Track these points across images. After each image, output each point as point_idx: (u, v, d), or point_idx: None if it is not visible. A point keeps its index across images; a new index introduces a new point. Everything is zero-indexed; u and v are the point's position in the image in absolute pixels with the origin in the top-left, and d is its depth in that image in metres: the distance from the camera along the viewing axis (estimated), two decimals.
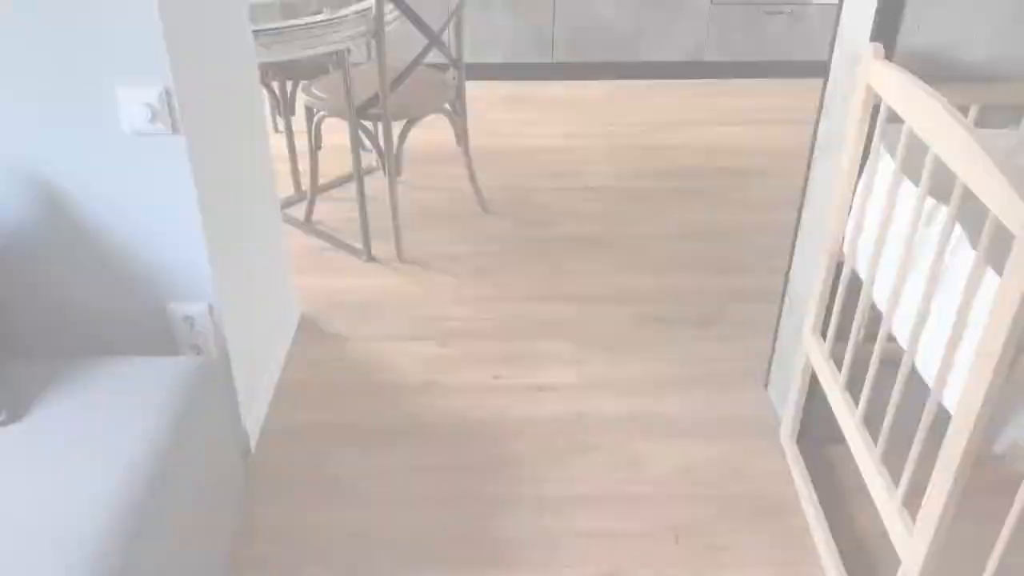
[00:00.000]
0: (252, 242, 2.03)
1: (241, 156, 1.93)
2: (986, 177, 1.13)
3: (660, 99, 3.96)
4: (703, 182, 3.24)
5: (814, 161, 1.93)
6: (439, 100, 2.72)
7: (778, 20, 3.99)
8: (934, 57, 1.63)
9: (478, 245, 2.85)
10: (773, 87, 4.08)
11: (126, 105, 1.50)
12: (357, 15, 2.40)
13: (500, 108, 3.87)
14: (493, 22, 3.97)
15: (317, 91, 2.71)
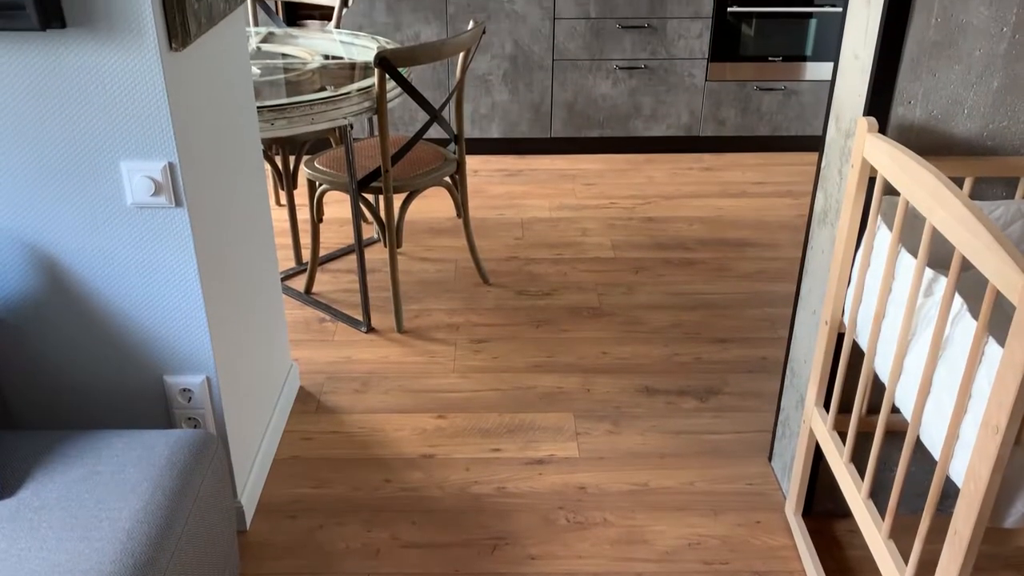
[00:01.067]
0: (252, 314, 2.03)
1: (243, 229, 1.95)
2: (984, 249, 1.13)
3: (656, 172, 4.02)
4: (701, 253, 3.27)
5: (812, 233, 1.94)
6: (440, 173, 2.76)
7: (772, 96, 4.08)
8: (927, 130, 1.66)
9: (478, 316, 2.85)
10: (768, 160, 4.14)
11: (129, 178, 1.52)
12: (360, 92, 2.45)
13: (499, 181, 3.92)
14: (492, 98, 4.06)
15: (319, 165, 2.75)
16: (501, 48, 3.95)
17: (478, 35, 2.64)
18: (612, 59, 3.98)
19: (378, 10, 3.87)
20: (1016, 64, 1.61)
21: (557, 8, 3.88)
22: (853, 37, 1.72)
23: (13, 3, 1.32)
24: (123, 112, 1.47)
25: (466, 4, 3.86)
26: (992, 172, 1.66)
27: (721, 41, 3.96)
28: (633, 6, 3.88)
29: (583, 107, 4.09)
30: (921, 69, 1.62)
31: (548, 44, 3.95)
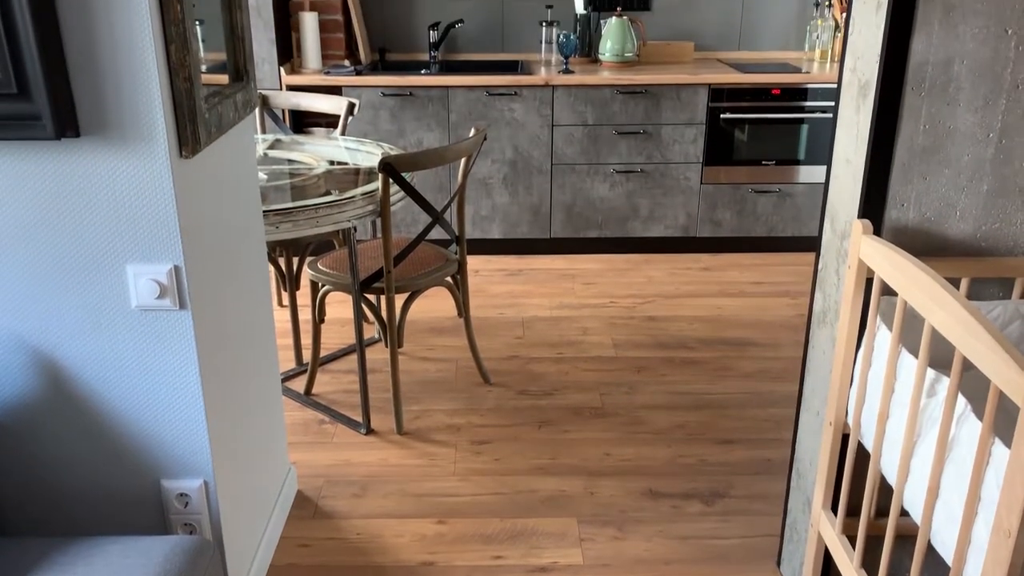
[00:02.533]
0: (251, 417, 2.02)
1: (245, 331, 1.95)
2: (985, 350, 1.14)
3: (655, 272, 4.06)
4: (702, 353, 3.26)
5: (812, 333, 1.95)
6: (441, 273, 2.79)
7: (767, 198, 4.16)
8: (921, 232, 1.69)
9: (479, 416, 2.82)
10: (765, 261, 4.19)
11: (135, 281, 1.53)
12: (364, 196, 2.50)
13: (500, 280, 3.95)
14: (493, 200, 4.14)
15: (322, 266, 2.78)
16: (502, 153, 4.05)
17: (479, 141, 2.71)
18: (609, 163, 4.08)
19: (382, 118, 3.99)
20: (1004, 168, 1.65)
21: (555, 116, 4.00)
22: (844, 142, 1.77)
23: (31, 113, 1.36)
24: (132, 217, 1.50)
25: (467, 112, 3.99)
26: (987, 273, 1.68)
27: (715, 146, 4.07)
28: (628, 114, 4.00)
29: (582, 209, 4.16)
30: (912, 173, 1.66)
31: (547, 149, 4.06)
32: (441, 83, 3.95)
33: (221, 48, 1.78)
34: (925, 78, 1.61)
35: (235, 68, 1.79)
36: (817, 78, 3.99)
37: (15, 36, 1.31)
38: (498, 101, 3.97)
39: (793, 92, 4.00)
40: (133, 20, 1.37)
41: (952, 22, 1.58)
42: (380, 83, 3.95)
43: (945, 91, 1.62)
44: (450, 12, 4.37)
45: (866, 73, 1.67)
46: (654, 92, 3.97)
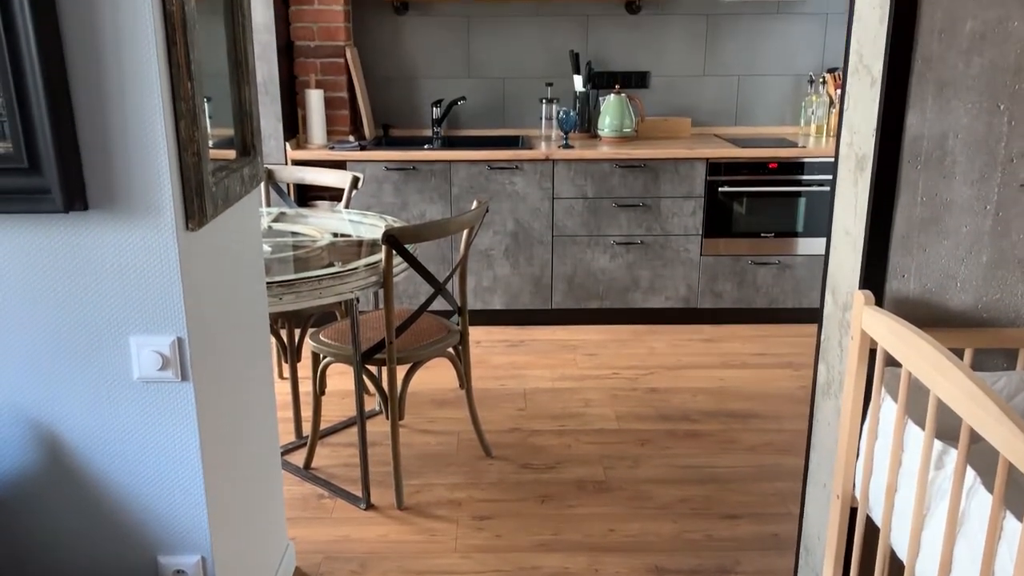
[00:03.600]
0: (250, 491, 1.99)
1: (246, 404, 1.94)
2: (993, 421, 1.13)
3: (657, 343, 4.05)
4: (706, 425, 3.23)
5: (816, 405, 1.94)
6: (443, 344, 2.79)
7: (766, 270, 4.18)
8: (923, 303, 1.70)
9: (480, 491, 2.78)
10: (767, 332, 4.19)
11: (138, 353, 1.53)
12: (367, 267, 2.51)
13: (502, 351, 3.94)
14: (495, 272, 4.16)
15: (324, 338, 2.78)
16: (503, 225, 4.09)
17: (481, 214, 2.75)
18: (609, 235, 4.12)
19: (386, 191, 4.05)
20: (1002, 240, 1.67)
21: (556, 189, 4.06)
22: (843, 215, 1.79)
23: (41, 187, 1.38)
24: (136, 288, 1.51)
25: (469, 185, 4.04)
26: (991, 343, 1.68)
27: (714, 218, 4.11)
28: (628, 187, 4.06)
29: (583, 280, 4.18)
30: (911, 244, 1.67)
31: (548, 221, 4.10)
32: (444, 157, 4.01)
33: (229, 124, 1.82)
34: (921, 152, 1.64)
35: (243, 143, 1.82)
36: (813, 152, 4.06)
37: (28, 113, 1.34)
38: (499, 175, 4.03)
39: (790, 166, 4.06)
40: (145, 97, 1.40)
41: (945, 98, 1.62)
42: (384, 158, 4.01)
43: (941, 164, 1.64)
44: (453, 90, 4.47)
45: (863, 147, 1.70)
46: (653, 166, 4.03)
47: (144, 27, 1.37)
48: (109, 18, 1.36)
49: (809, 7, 4.39)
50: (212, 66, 1.68)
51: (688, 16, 4.41)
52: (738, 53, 4.47)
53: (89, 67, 1.38)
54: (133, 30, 1.37)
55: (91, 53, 1.37)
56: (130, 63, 1.38)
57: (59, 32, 1.35)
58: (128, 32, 1.37)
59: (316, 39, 4.18)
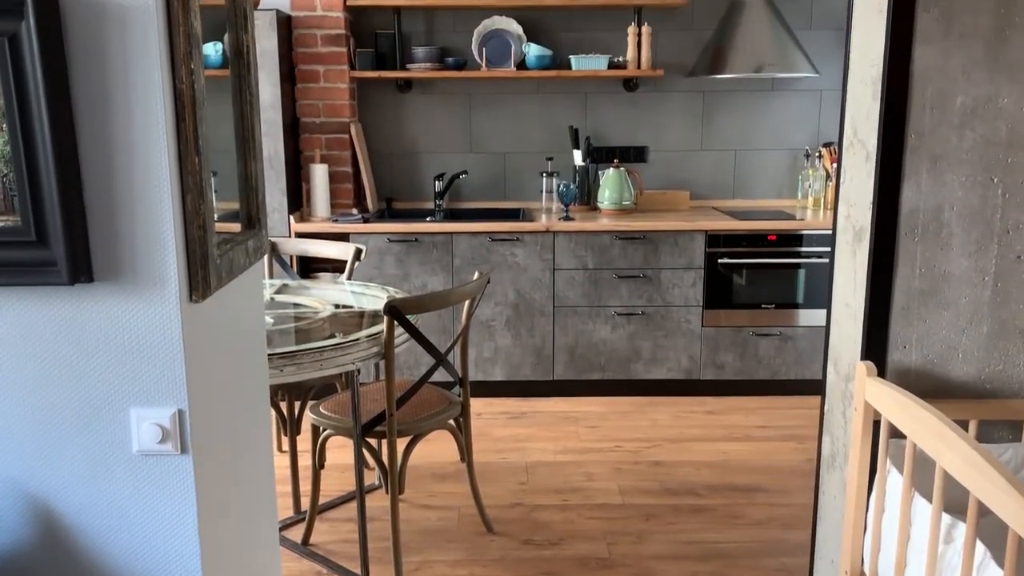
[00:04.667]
0: (247, 568, 1.95)
1: (244, 478, 1.92)
2: (1001, 494, 1.11)
3: (659, 416, 4.02)
4: (711, 499, 3.19)
5: (821, 478, 1.91)
6: (444, 416, 2.77)
7: (768, 341, 4.18)
8: (925, 374, 1.69)
9: (482, 568, 2.72)
10: (770, 404, 4.16)
11: (138, 425, 1.52)
12: (369, 338, 2.51)
13: (503, 423, 3.91)
14: (496, 343, 4.16)
15: (324, 410, 2.76)
16: (504, 296, 4.11)
17: (483, 285, 2.76)
18: (610, 306, 4.13)
19: (388, 263, 4.07)
20: (1002, 311, 1.67)
21: (556, 260, 4.09)
22: (843, 286, 1.80)
23: (47, 260, 1.40)
24: (138, 360, 1.50)
25: (470, 256, 4.07)
26: (995, 415, 1.67)
27: (714, 289, 4.13)
28: (628, 258, 4.09)
29: (584, 351, 4.18)
30: (912, 315, 1.68)
31: (549, 292, 4.12)
32: (445, 229, 4.06)
33: (235, 197, 1.84)
34: (918, 224, 1.66)
35: (248, 216, 1.84)
36: (811, 224, 4.10)
37: (38, 188, 1.36)
38: (501, 246, 4.07)
39: (789, 238, 4.10)
40: (153, 172, 1.43)
41: (939, 171, 1.65)
42: (387, 230, 4.06)
43: (938, 236, 1.66)
44: (455, 164, 4.54)
45: (860, 220, 1.72)
46: (652, 238, 4.07)
47: (155, 104, 1.40)
48: (121, 95, 1.40)
49: (803, 84, 4.49)
50: (219, 141, 1.71)
51: (684, 93, 4.52)
52: (734, 128, 4.56)
53: (99, 142, 1.41)
54: (144, 107, 1.40)
55: (102, 129, 1.40)
56: (140, 138, 1.41)
57: (71, 108, 1.38)
58: (139, 109, 1.40)
59: (322, 116, 4.27)
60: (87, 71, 1.37)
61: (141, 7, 1.33)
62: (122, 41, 1.35)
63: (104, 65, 1.37)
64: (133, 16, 1.33)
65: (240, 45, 1.70)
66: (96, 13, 1.33)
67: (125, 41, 1.35)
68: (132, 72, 1.39)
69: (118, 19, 1.34)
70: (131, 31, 1.34)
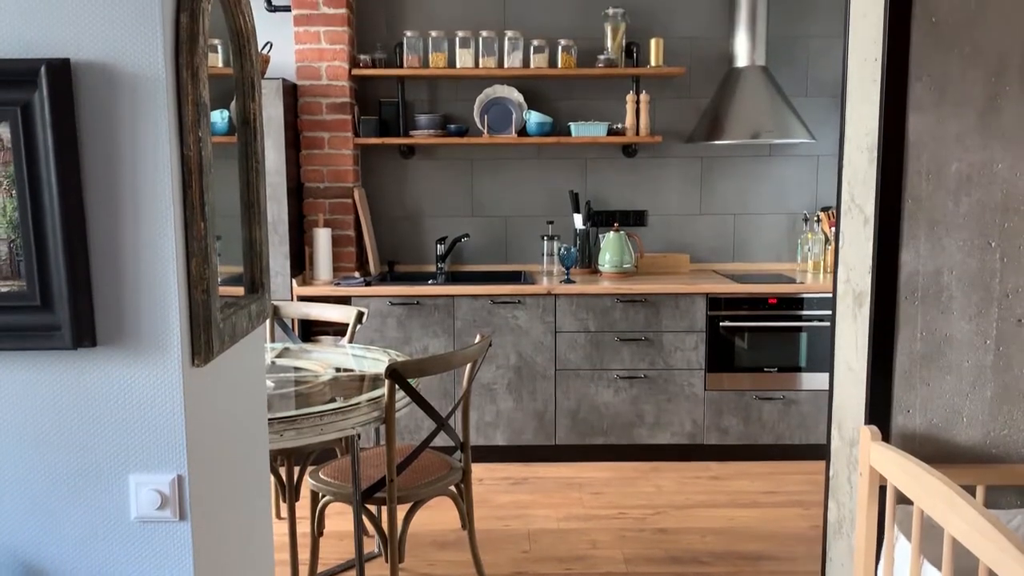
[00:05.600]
0: None
1: (242, 545, 1.89)
2: (1012, 563, 1.10)
3: (664, 481, 3.97)
4: (717, 568, 3.12)
5: (828, 545, 1.88)
6: (445, 482, 2.73)
7: (771, 405, 4.15)
8: (930, 438, 1.68)
9: None
10: (775, 469, 4.11)
11: (136, 491, 1.50)
12: (369, 402, 2.50)
13: (505, 490, 3.86)
14: (497, 406, 4.13)
15: (324, 476, 2.73)
16: (506, 359, 4.10)
17: (484, 348, 2.76)
18: (612, 369, 4.12)
19: (389, 325, 4.08)
20: (1005, 375, 1.67)
21: (558, 323, 4.09)
22: (845, 350, 1.80)
23: (51, 324, 1.40)
24: (139, 425, 1.50)
25: (472, 319, 4.08)
26: (1003, 480, 1.65)
27: (716, 353, 4.12)
28: (629, 321, 4.09)
29: (586, 415, 4.15)
30: (914, 379, 1.68)
31: (550, 355, 4.11)
32: (447, 292, 4.07)
33: (239, 261, 1.86)
34: (917, 288, 1.66)
35: (251, 281, 1.86)
36: (812, 288, 4.11)
37: (45, 253, 1.37)
38: (502, 309, 4.08)
39: (789, 301, 4.11)
40: (159, 236, 1.44)
41: (937, 235, 1.66)
42: (388, 293, 4.07)
43: (938, 300, 1.67)
44: (457, 227, 4.58)
45: (860, 284, 1.73)
46: (654, 300, 4.08)
47: (162, 170, 1.42)
48: (129, 162, 1.42)
49: (800, 150, 4.56)
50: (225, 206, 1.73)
51: (683, 159, 4.58)
52: (733, 193, 4.61)
53: (106, 208, 1.43)
54: (151, 173, 1.42)
55: (109, 195, 1.42)
56: (146, 203, 1.43)
57: (80, 175, 1.40)
58: (146, 175, 1.42)
59: (326, 181, 4.32)
60: (97, 138, 1.40)
61: (152, 77, 1.36)
62: (132, 110, 1.38)
63: (113, 133, 1.40)
64: (143, 85, 1.36)
65: (247, 113, 1.73)
66: (107, 82, 1.36)
67: (135, 110, 1.38)
68: (141, 139, 1.41)
69: (129, 88, 1.37)
70: (141, 100, 1.37)
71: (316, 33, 4.24)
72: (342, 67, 4.26)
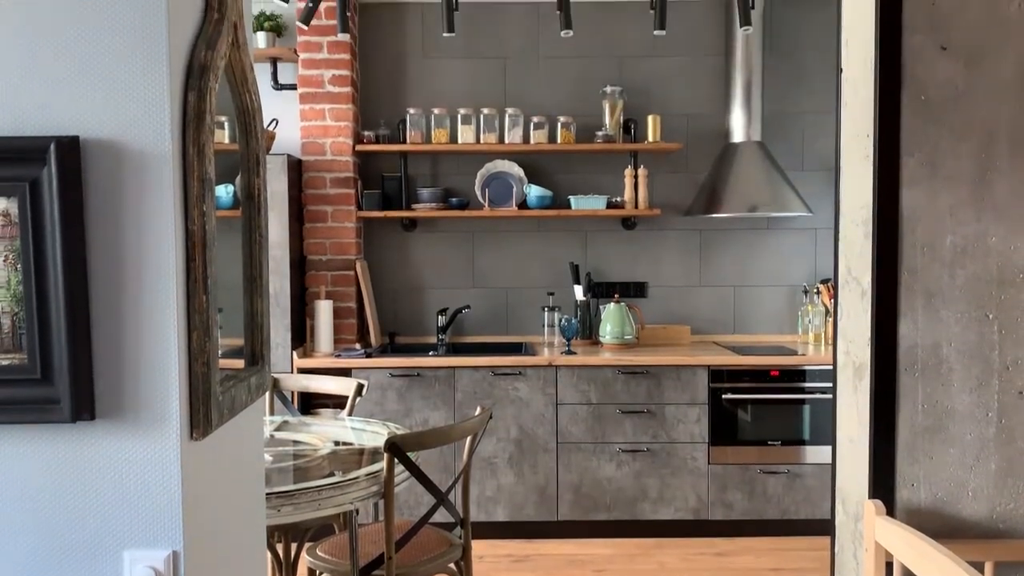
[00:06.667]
0: None
1: None
2: None
3: (668, 558, 3.89)
4: None
5: None
6: (444, 560, 2.68)
7: (776, 479, 4.10)
8: (935, 513, 1.66)
9: None
10: (781, 545, 4.03)
11: (131, 568, 1.48)
12: (368, 477, 2.48)
13: (506, 568, 3.78)
14: (498, 481, 4.08)
15: (322, 552, 2.68)
16: (507, 432, 4.07)
17: (485, 420, 2.74)
18: (615, 442, 4.08)
19: (389, 398, 4.06)
20: (1008, 447, 1.66)
21: (560, 395, 4.07)
22: (846, 422, 1.79)
23: (50, 398, 1.40)
24: (135, 500, 1.48)
25: (473, 391, 4.06)
26: (1011, 556, 1.63)
27: (720, 425, 4.09)
28: (631, 393, 4.07)
29: (589, 490, 4.09)
30: (918, 452, 1.66)
31: (552, 428, 4.08)
32: (448, 364, 4.06)
33: (239, 334, 1.86)
34: (917, 360, 1.67)
35: (252, 353, 1.86)
36: (813, 360, 4.10)
37: (47, 325, 1.38)
38: (503, 380, 4.06)
39: (791, 373, 4.09)
40: (160, 309, 1.45)
41: (934, 307, 1.67)
42: (389, 365, 4.06)
43: (938, 372, 1.67)
44: (458, 299, 4.60)
45: (859, 356, 1.73)
46: (655, 372, 4.07)
47: (166, 244, 1.44)
48: (133, 236, 1.44)
49: (798, 223, 4.60)
50: (227, 279, 1.75)
51: (682, 231, 4.63)
52: (732, 265, 4.64)
53: (110, 281, 1.44)
54: (155, 247, 1.44)
55: (113, 268, 1.44)
56: (149, 276, 1.45)
57: (85, 249, 1.42)
58: (150, 249, 1.44)
59: (328, 253, 4.36)
60: (103, 213, 1.42)
61: (158, 153, 1.39)
62: (138, 184, 1.41)
63: (119, 207, 1.42)
64: (150, 161, 1.39)
65: (252, 188, 1.76)
66: (115, 158, 1.39)
67: (141, 184, 1.41)
68: (146, 213, 1.44)
69: (136, 164, 1.39)
70: (147, 175, 1.40)
71: (321, 110, 4.34)
72: (346, 143, 4.35)
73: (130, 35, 1.35)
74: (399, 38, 4.56)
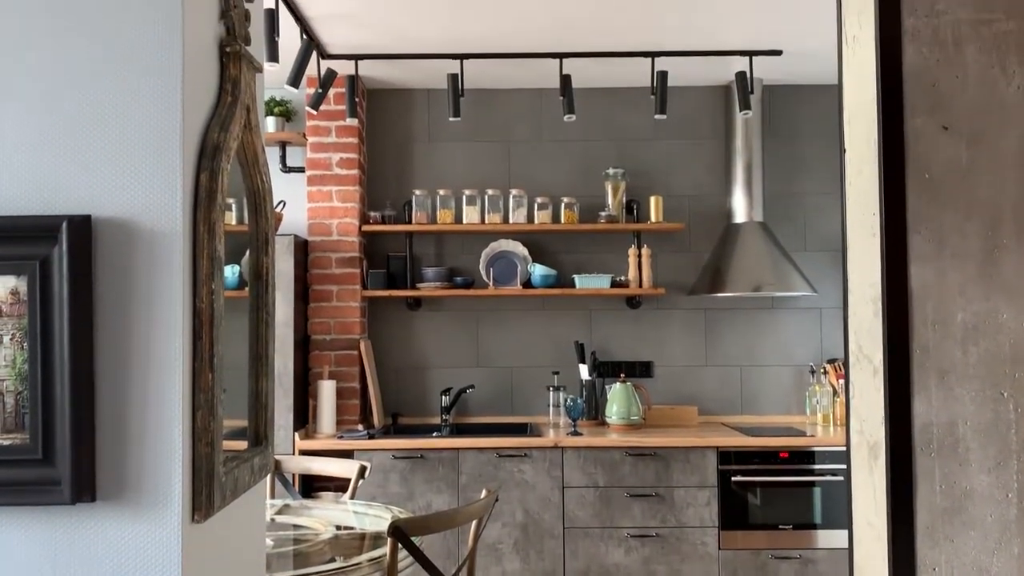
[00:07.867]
0: None
1: None
2: None
3: None
4: None
5: None
6: None
7: (788, 565, 3.98)
8: None
9: None
10: None
11: None
12: (370, 563, 2.41)
13: None
14: (503, 567, 3.97)
15: None
16: (512, 516, 3.98)
17: (490, 504, 2.68)
18: (623, 527, 3.98)
19: (392, 480, 3.99)
20: None
21: (566, 477, 4.00)
22: (863, 505, 1.75)
23: (51, 479, 1.37)
24: None
25: (477, 474, 3.99)
26: None
27: (729, 509, 4.00)
28: (639, 475, 4.00)
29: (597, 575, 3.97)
30: (938, 535, 1.62)
31: (558, 512, 3.99)
32: (452, 445, 4.00)
33: (243, 414, 1.84)
34: (932, 439, 1.64)
35: (255, 433, 1.83)
36: (823, 441, 4.04)
37: (51, 405, 1.37)
38: (508, 462, 4.00)
39: (801, 455, 4.03)
40: (165, 388, 1.43)
41: (948, 385, 1.65)
42: (392, 446, 4.01)
43: (955, 452, 1.63)
44: (462, 378, 4.57)
45: (873, 435, 1.70)
46: (663, 454, 4.00)
47: (174, 322, 1.43)
48: (141, 314, 1.43)
49: (802, 303, 4.60)
50: (232, 358, 1.74)
51: (686, 311, 4.63)
52: (738, 344, 4.62)
53: (116, 361, 1.43)
54: (163, 325, 1.43)
55: (120, 347, 1.43)
56: (156, 355, 1.43)
57: (92, 328, 1.41)
58: (158, 327, 1.43)
59: (332, 333, 4.36)
60: (112, 291, 1.42)
61: (169, 232, 1.40)
62: (148, 263, 1.41)
63: (128, 285, 1.42)
64: (161, 240, 1.40)
65: (260, 267, 1.77)
66: (126, 237, 1.40)
67: (151, 263, 1.41)
68: (155, 291, 1.43)
69: (146, 242, 1.40)
70: (157, 254, 1.40)
71: (328, 192, 4.40)
72: (352, 224, 4.39)
73: (145, 115, 1.37)
74: (406, 122, 4.66)
